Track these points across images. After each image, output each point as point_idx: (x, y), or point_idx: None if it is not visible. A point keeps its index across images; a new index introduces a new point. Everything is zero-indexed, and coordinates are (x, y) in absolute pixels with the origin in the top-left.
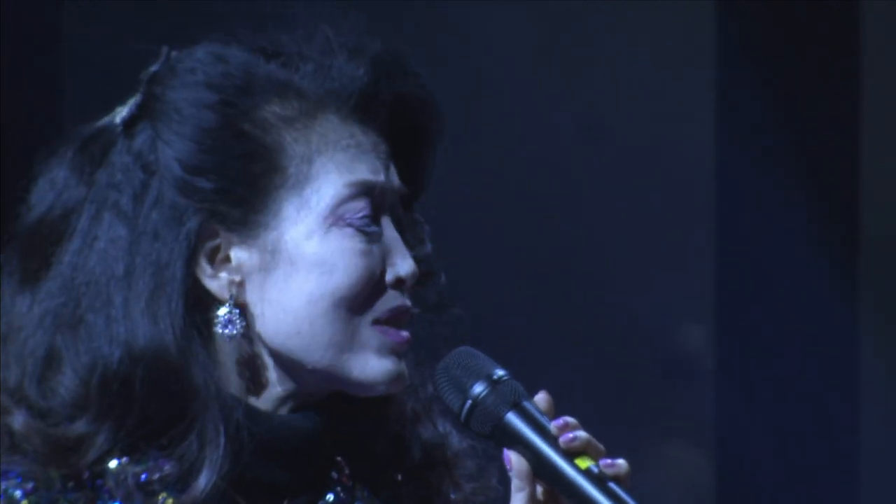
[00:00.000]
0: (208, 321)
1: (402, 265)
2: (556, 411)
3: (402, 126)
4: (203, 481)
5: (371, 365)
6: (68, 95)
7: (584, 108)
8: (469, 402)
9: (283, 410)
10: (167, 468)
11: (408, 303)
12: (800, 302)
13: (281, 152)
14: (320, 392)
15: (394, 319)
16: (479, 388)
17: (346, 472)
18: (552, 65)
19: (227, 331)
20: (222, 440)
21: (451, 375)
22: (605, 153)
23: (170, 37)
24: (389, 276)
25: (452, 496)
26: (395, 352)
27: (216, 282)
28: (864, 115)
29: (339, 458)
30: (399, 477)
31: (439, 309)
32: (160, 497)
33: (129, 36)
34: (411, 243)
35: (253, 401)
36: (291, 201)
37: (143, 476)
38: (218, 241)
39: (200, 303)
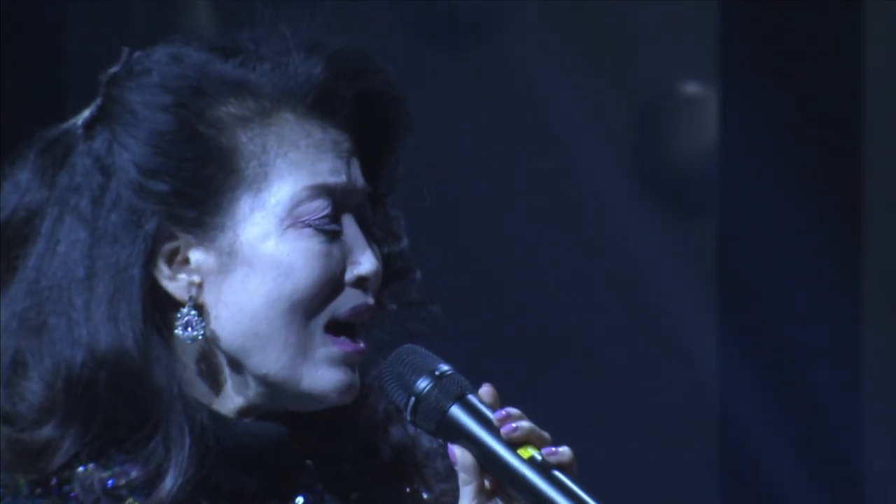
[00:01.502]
0: (169, 323)
1: (364, 264)
2: (553, 411)
3: (367, 123)
4: (169, 483)
5: (321, 375)
6: (70, 98)
7: (583, 107)
8: (413, 398)
9: (249, 419)
10: (134, 473)
11: (370, 301)
12: (802, 300)
13: (236, 153)
14: (279, 402)
15: (354, 319)
16: (422, 384)
17: (316, 476)
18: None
19: (186, 333)
20: (187, 441)
21: (395, 373)
22: (605, 153)
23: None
24: (350, 275)
25: (425, 496)
26: (347, 362)
27: (175, 284)
28: (867, 111)
29: (308, 462)
30: (369, 479)
31: (415, 305)
32: (127, 502)
33: (131, 37)
34: (385, 239)
35: (216, 406)
36: (248, 202)
37: (110, 482)
38: (176, 243)
39: (161, 305)
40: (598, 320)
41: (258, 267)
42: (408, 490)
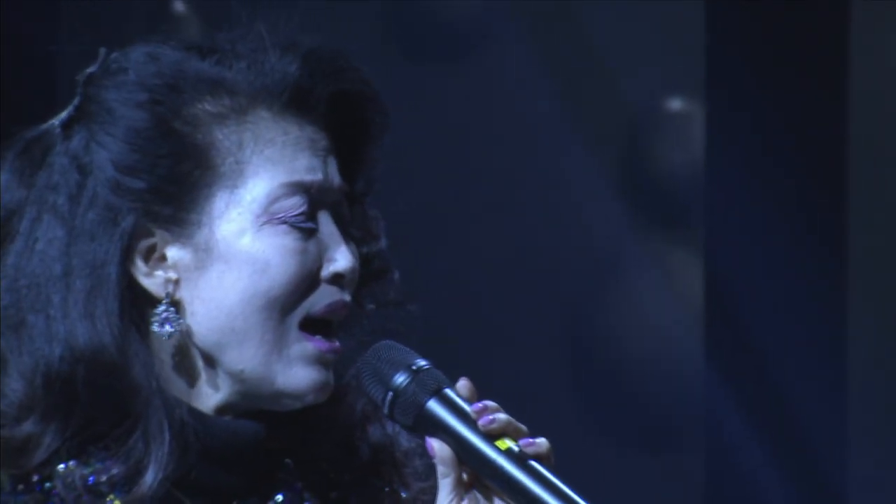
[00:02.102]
0: (146, 319)
1: (340, 261)
2: (540, 416)
3: (343, 121)
4: (149, 479)
5: (295, 373)
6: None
7: (569, 107)
8: (391, 393)
9: (228, 416)
10: (115, 470)
11: (346, 298)
12: (787, 311)
13: (212, 150)
14: (257, 399)
15: (329, 315)
16: (400, 379)
17: (295, 474)
18: (533, 64)
19: (163, 329)
20: (167, 436)
21: (373, 368)
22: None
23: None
24: (326, 272)
25: (403, 495)
26: (322, 361)
27: (152, 280)
28: (852, 124)
29: (287, 461)
30: (348, 478)
31: (393, 305)
32: (108, 499)
33: (122, 37)
34: (364, 239)
35: (195, 403)
36: (224, 199)
37: (91, 478)
38: (153, 239)
39: (138, 301)
40: (585, 330)
41: (234, 263)
42: (386, 489)
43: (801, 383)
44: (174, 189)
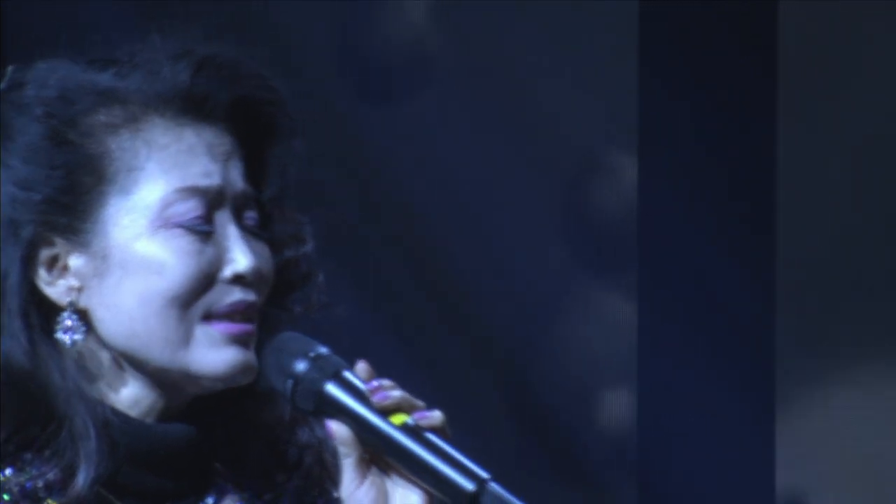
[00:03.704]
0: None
1: (240, 261)
2: (474, 453)
3: (248, 126)
4: (82, 479)
5: (209, 358)
6: None
7: (506, 152)
8: (291, 380)
9: (150, 419)
10: (49, 474)
11: (250, 298)
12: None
13: (105, 159)
14: (178, 399)
15: (232, 314)
16: (300, 366)
17: (227, 476)
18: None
19: (67, 336)
20: (92, 433)
21: (274, 360)
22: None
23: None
24: (227, 273)
25: (335, 494)
26: (236, 341)
27: (54, 289)
28: (780, 175)
29: (217, 465)
30: (280, 479)
31: (320, 309)
32: (46, 503)
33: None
34: (286, 242)
35: (120, 409)
36: (118, 206)
37: (28, 484)
38: (55, 249)
39: (45, 310)
40: (523, 373)
41: (131, 268)
42: (317, 490)
43: (731, 437)
44: (70, 199)
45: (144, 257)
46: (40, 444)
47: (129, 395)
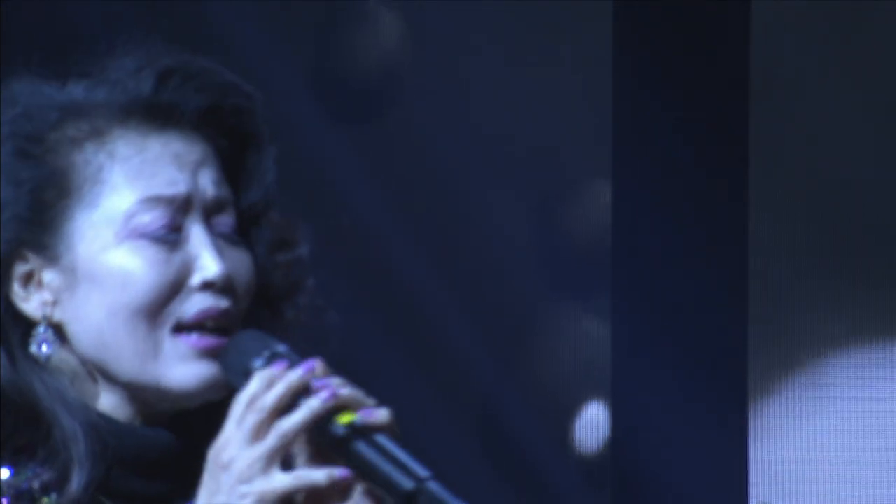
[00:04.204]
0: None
1: (209, 268)
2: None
3: (224, 134)
4: (76, 480)
5: (179, 372)
6: None
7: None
8: (246, 378)
9: (138, 423)
10: (45, 476)
11: (222, 304)
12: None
13: (71, 173)
14: (155, 412)
15: (202, 322)
16: (256, 364)
17: None
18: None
19: (41, 350)
20: (80, 436)
21: (233, 359)
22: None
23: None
24: (196, 280)
25: None
26: (207, 355)
27: (29, 304)
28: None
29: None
30: None
31: (312, 313)
32: (42, 501)
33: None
34: (278, 247)
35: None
36: (85, 220)
37: (24, 485)
38: (29, 265)
39: (23, 325)
40: (497, 394)
41: (98, 281)
42: None
43: (705, 456)
44: (37, 215)
45: (110, 269)
46: (34, 447)
47: (113, 404)
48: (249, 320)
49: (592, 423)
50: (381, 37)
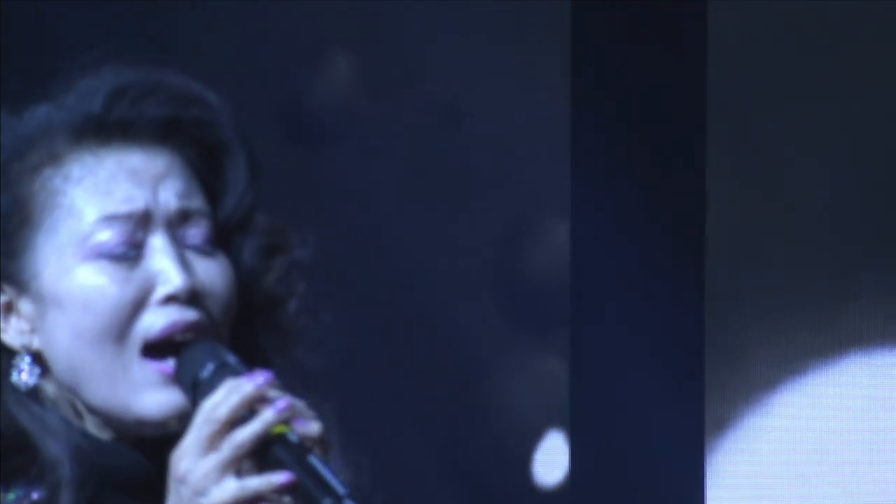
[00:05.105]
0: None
1: (172, 281)
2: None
3: (191, 145)
4: (66, 497)
5: (146, 399)
6: None
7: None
8: (194, 387)
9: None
10: (35, 495)
11: (189, 317)
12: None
13: (30, 202)
14: (136, 434)
15: (170, 336)
16: (203, 374)
17: None
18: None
19: (20, 378)
20: (66, 459)
21: (184, 370)
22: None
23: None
24: (159, 295)
25: None
26: (172, 383)
27: (6, 334)
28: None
29: None
30: None
31: (304, 320)
32: None
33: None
34: (270, 251)
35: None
36: (47, 246)
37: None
38: (7, 296)
39: (6, 355)
40: (456, 431)
41: (62, 304)
42: None
43: (664, 491)
44: (6, 246)
45: (71, 291)
46: (27, 467)
47: (93, 428)
48: (241, 330)
49: (552, 458)
50: (339, 74)
